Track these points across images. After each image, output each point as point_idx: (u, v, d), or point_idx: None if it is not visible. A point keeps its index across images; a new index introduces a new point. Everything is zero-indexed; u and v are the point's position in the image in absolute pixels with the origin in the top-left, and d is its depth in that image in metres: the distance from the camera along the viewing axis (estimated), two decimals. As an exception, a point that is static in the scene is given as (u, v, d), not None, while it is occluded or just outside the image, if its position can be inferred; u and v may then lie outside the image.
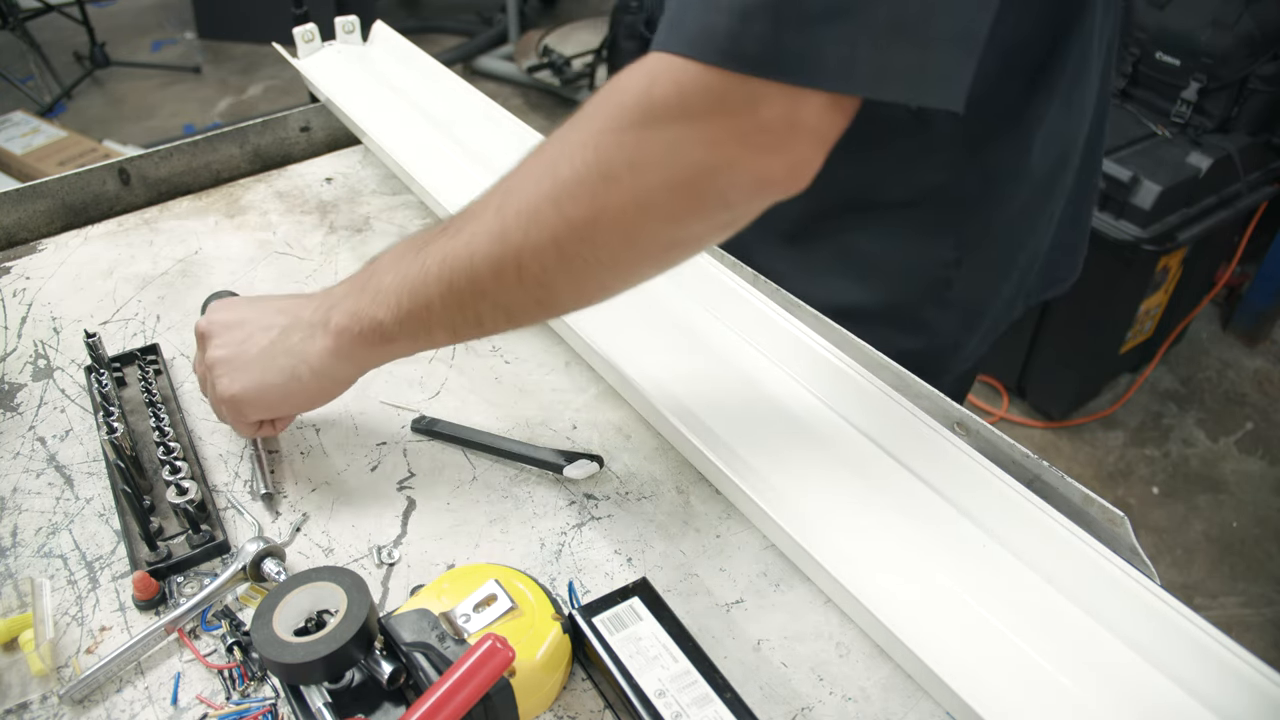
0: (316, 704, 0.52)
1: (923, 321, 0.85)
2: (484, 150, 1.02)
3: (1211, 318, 2.68)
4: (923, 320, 0.85)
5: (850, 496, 0.65)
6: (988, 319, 0.87)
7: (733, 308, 0.78)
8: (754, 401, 0.72)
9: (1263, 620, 1.92)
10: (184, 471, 0.66)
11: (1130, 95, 2.18)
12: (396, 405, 0.77)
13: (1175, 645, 0.53)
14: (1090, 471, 2.23)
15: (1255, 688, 0.50)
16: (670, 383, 0.73)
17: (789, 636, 0.60)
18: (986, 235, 0.81)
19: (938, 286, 0.83)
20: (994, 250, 0.83)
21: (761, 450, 0.69)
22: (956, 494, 0.63)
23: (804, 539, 0.61)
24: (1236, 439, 2.34)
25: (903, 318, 0.85)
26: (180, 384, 0.79)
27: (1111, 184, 1.92)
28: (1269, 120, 2.08)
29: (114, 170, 1.01)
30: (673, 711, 0.52)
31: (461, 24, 4.32)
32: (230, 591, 0.62)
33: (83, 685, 0.55)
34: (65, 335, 0.84)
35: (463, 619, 0.54)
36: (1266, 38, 1.95)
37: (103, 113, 3.68)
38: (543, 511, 0.68)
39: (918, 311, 0.85)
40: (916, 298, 0.84)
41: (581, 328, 0.77)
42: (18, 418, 0.76)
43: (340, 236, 0.99)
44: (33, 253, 0.96)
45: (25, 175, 2.62)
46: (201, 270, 0.93)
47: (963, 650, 0.56)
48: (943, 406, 0.65)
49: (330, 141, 1.16)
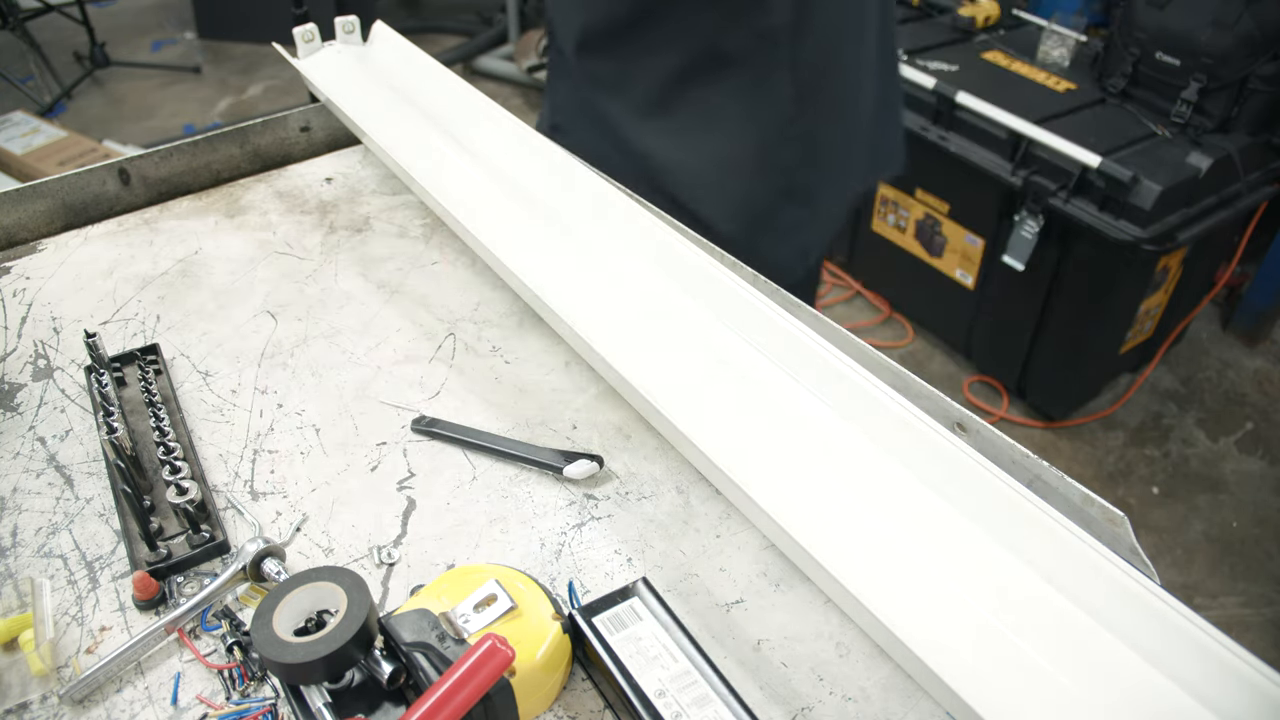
0: (316, 704, 0.52)
1: (779, 165, 1.01)
2: (484, 150, 1.02)
3: (1211, 318, 2.68)
4: (779, 163, 1.01)
5: (850, 496, 0.65)
6: (833, 164, 1.05)
7: (732, 308, 0.78)
8: (754, 401, 0.72)
9: (1263, 620, 1.92)
10: (184, 471, 0.67)
11: (1130, 95, 2.18)
12: (396, 405, 0.78)
13: (1175, 645, 0.53)
14: (1090, 471, 2.24)
15: (1255, 688, 0.50)
16: (670, 383, 0.73)
17: (789, 636, 0.60)
18: (816, 74, 0.97)
19: (782, 124, 0.99)
20: (824, 89, 0.99)
21: (761, 450, 0.68)
22: (956, 494, 0.63)
23: (804, 539, 0.61)
24: (1236, 439, 2.34)
25: (759, 160, 1.01)
26: (180, 384, 0.79)
27: (1111, 184, 1.92)
28: (1269, 120, 2.08)
29: (114, 170, 1.01)
30: (673, 711, 0.52)
31: (461, 24, 4.32)
32: (230, 591, 0.62)
33: (83, 685, 0.55)
34: (65, 335, 0.84)
35: (463, 619, 0.54)
36: (1266, 38, 1.95)
37: (103, 113, 3.68)
38: (543, 511, 0.68)
39: (773, 154, 1.00)
40: (772, 138, 0.99)
41: (581, 328, 0.77)
42: (18, 418, 0.76)
43: (340, 236, 0.99)
44: (33, 253, 0.96)
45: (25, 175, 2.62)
46: (201, 270, 0.93)
47: (963, 650, 0.56)
48: (943, 406, 0.65)
49: (330, 141, 1.16)
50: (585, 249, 0.88)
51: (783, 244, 1.07)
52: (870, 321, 2.68)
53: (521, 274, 0.82)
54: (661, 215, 0.86)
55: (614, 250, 0.87)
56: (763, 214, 1.05)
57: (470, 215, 0.90)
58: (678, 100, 1.00)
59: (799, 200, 1.04)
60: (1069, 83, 2.26)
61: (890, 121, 1.16)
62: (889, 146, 1.18)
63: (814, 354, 0.71)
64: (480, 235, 0.86)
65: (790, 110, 0.97)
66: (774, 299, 0.76)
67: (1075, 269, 2.09)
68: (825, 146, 1.03)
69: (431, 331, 0.86)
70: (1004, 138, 2.10)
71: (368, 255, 0.96)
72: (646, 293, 0.82)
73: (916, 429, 0.64)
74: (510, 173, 0.98)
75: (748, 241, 1.05)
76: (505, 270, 0.84)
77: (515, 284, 0.84)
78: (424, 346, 0.84)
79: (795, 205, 1.04)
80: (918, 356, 2.58)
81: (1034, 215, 2.06)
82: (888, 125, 1.15)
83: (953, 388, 2.48)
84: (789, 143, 0.99)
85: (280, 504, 0.69)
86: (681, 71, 0.97)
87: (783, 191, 1.03)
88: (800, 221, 1.06)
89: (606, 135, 1.04)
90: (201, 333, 0.85)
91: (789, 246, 1.08)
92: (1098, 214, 1.96)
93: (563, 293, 0.80)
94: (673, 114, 1.00)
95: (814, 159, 1.02)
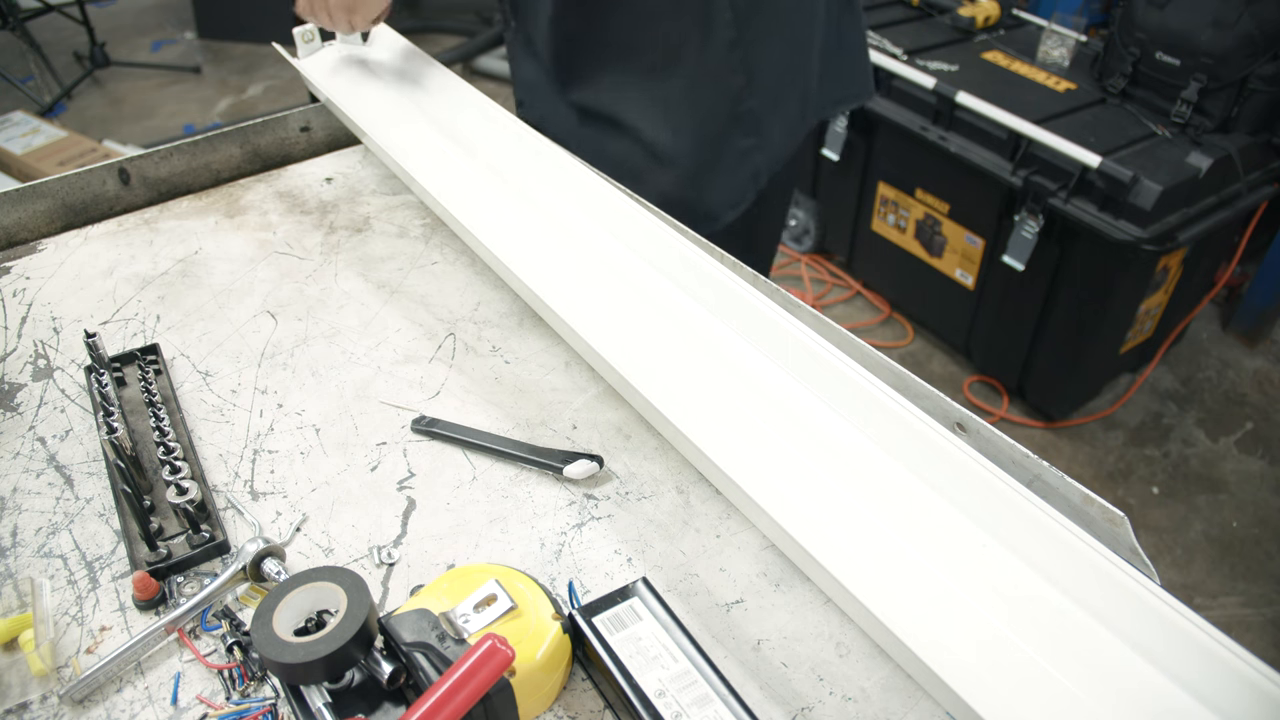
0: (316, 704, 0.52)
1: (726, 93, 1.06)
2: (484, 150, 1.02)
3: (1211, 318, 2.68)
4: (724, 91, 1.06)
5: (850, 496, 0.65)
6: (780, 92, 1.09)
7: (733, 308, 0.78)
8: (754, 401, 0.72)
9: (1263, 620, 1.92)
10: (184, 471, 0.67)
11: (1130, 95, 2.18)
12: (396, 405, 0.78)
13: (1175, 645, 0.53)
14: (1090, 471, 2.24)
15: (1255, 688, 0.50)
16: (670, 383, 0.73)
17: (789, 636, 0.60)
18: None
19: (723, 51, 1.03)
20: (764, 12, 1.03)
21: (761, 450, 0.68)
22: (956, 494, 0.63)
23: (804, 539, 0.61)
24: (1236, 439, 2.34)
25: (706, 88, 1.06)
26: (180, 384, 0.79)
27: (1111, 184, 1.92)
28: (1269, 120, 2.07)
29: (114, 170, 1.01)
30: (673, 711, 0.52)
31: (461, 24, 4.31)
32: (230, 591, 0.62)
33: (83, 685, 0.55)
34: (65, 335, 0.84)
35: (463, 619, 0.54)
36: (1266, 38, 1.95)
37: (103, 113, 3.68)
38: (543, 511, 0.68)
39: (717, 80, 1.05)
40: (715, 65, 1.05)
41: (581, 328, 0.77)
42: (18, 418, 0.76)
43: (340, 236, 0.99)
44: (33, 253, 0.96)
45: (25, 175, 2.62)
46: (201, 270, 0.93)
47: (963, 650, 0.56)
48: (943, 406, 0.65)
49: (330, 141, 1.16)
50: (585, 249, 0.88)
51: (734, 172, 1.12)
52: (870, 321, 2.68)
53: (521, 274, 0.82)
54: (662, 215, 0.86)
55: (614, 250, 0.87)
56: (715, 142, 1.09)
57: (470, 215, 0.90)
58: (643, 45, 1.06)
59: (746, 128, 1.09)
60: (1069, 83, 2.26)
61: (850, 48, 1.19)
62: (851, 74, 1.20)
63: (814, 354, 0.71)
64: (480, 235, 0.86)
65: (731, 34, 1.01)
66: (774, 299, 0.76)
67: (1075, 269, 2.09)
68: (769, 74, 1.07)
69: (431, 331, 0.86)
70: (1004, 138, 2.10)
71: (368, 255, 0.96)
72: (647, 293, 0.82)
73: (916, 429, 0.64)
74: (510, 172, 0.98)
75: (697, 171, 1.10)
76: (505, 270, 0.84)
77: (515, 284, 0.84)
78: (424, 346, 0.84)
79: (742, 134, 1.09)
80: (918, 356, 2.58)
81: (1034, 215, 2.06)
82: (847, 52, 1.18)
83: (953, 388, 2.48)
84: (732, 71, 1.04)
85: (280, 504, 0.69)
86: (635, 18, 1.03)
87: (731, 118, 1.08)
88: (749, 149, 1.10)
89: (562, 97, 1.13)
90: (201, 333, 0.85)
91: (740, 174, 1.12)
92: (1098, 214, 1.96)
93: (563, 292, 0.80)
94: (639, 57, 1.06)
95: (757, 86, 1.07)
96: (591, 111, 1.11)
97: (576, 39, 1.07)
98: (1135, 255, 1.94)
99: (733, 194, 1.13)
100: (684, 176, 1.09)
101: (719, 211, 1.13)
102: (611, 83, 1.08)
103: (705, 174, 1.10)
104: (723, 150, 1.10)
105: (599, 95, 1.09)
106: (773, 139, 1.11)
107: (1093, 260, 2.04)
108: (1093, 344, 2.18)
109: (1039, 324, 2.23)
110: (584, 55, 1.08)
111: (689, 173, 1.09)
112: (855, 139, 2.46)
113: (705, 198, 1.12)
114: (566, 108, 1.14)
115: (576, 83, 1.09)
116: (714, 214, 1.13)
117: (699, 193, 1.11)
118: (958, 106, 2.16)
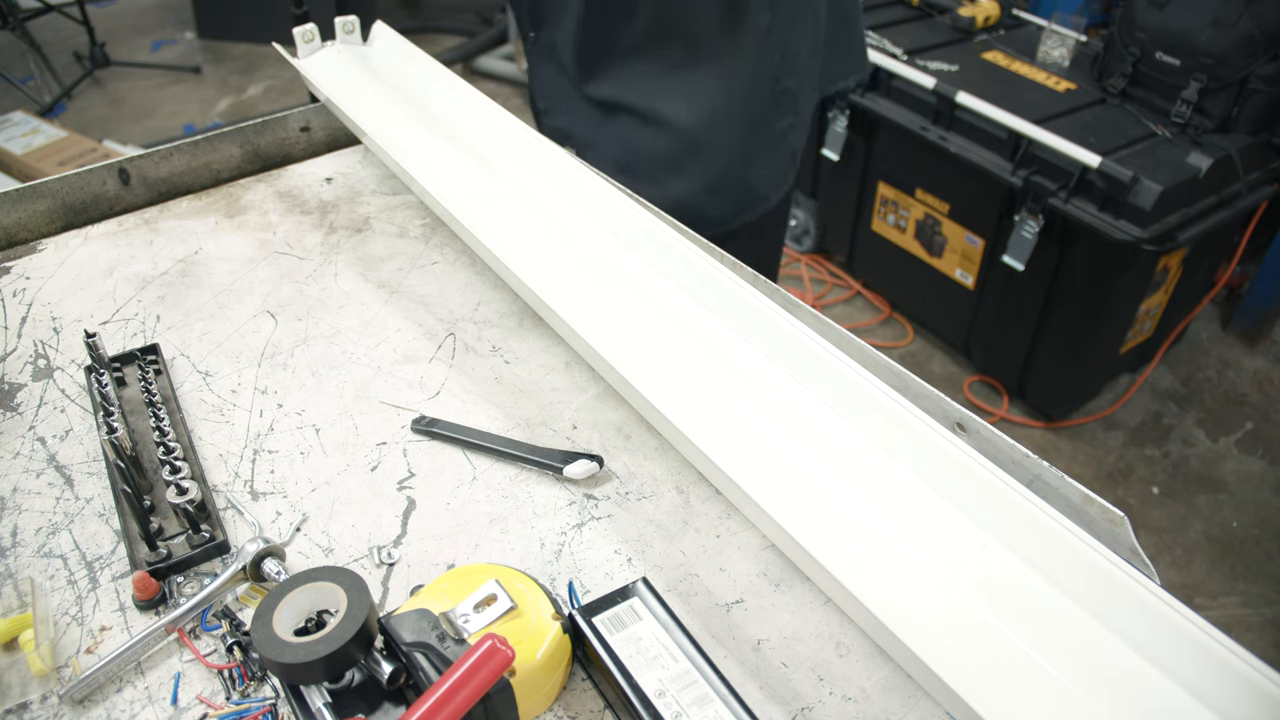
0: (316, 704, 0.52)
1: (766, 74, 1.09)
2: (484, 150, 1.02)
3: (1211, 318, 2.68)
4: (765, 72, 1.09)
5: (850, 496, 0.65)
6: (804, 69, 1.13)
7: (732, 308, 0.78)
8: (754, 401, 0.72)
9: (1263, 620, 1.92)
10: (184, 471, 0.66)
11: (1130, 95, 2.18)
12: (396, 405, 0.78)
13: (1175, 645, 0.53)
14: (1090, 471, 2.24)
15: (1255, 688, 0.50)
16: (670, 383, 0.73)
17: (789, 636, 0.60)
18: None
19: (760, 36, 1.06)
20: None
21: (761, 450, 0.68)
22: (957, 494, 0.63)
23: (804, 539, 0.61)
24: (1236, 439, 2.34)
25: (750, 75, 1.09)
26: (180, 384, 0.79)
27: (1111, 184, 1.92)
28: (1269, 120, 2.07)
29: (114, 170, 1.01)
30: (673, 711, 0.52)
31: (461, 24, 4.31)
32: (230, 591, 0.62)
33: (83, 685, 0.55)
34: (65, 335, 0.84)
35: (463, 619, 0.54)
36: (1266, 38, 1.95)
37: (103, 113, 3.68)
38: (543, 511, 0.68)
39: (759, 65, 1.08)
40: (754, 50, 1.07)
41: (581, 328, 0.77)
42: (18, 418, 0.76)
43: (340, 236, 0.99)
44: (33, 253, 0.96)
45: (25, 175, 2.62)
46: (201, 270, 0.93)
47: (963, 650, 0.56)
48: (943, 406, 0.65)
49: (330, 141, 1.16)
50: (585, 249, 0.88)
51: (776, 150, 1.14)
52: (870, 321, 2.68)
53: (521, 274, 0.82)
54: (662, 216, 0.86)
55: (614, 250, 0.87)
56: (758, 124, 1.11)
57: (470, 215, 0.90)
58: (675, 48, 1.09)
59: (785, 107, 1.12)
60: (1069, 83, 2.26)
61: (849, 25, 1.24)
62: (850, 50, 1.26)
63: (814, 354, 0.71)
64: (480, 235, 0.86)
65: (766, 19, 1.04)
66: (774, 299, 0.76)
67: (1075, 269, 2.09)
68: (796, 53, 1.10)
69: (431, 331, 0.86)
70: (1004, 138, 2.10)
71: (368, 255, 0.96)
72: (647, 293, 0.82)
73: (916, 429, 0.64)
74: (510, 172, 0.98)
75: (745, 155, 1.12)
76: (505, 270, 0.84)
77: (515, 284, 0.84)
78: (424, 346, 0.84)
79: (780, 114, 1.12)
80: (918, 356, 2.58)
81: (1034, 215, 2.06)
82: (846, 29, 1.23)
83: (953, 388, 2.48)
84: (769, 54, 1.07)
85: (280, 504, 0.69)
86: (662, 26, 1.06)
87: (770, 100, 1.11)
88: (786, 129, 1.14)
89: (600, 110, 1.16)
90: (201, 333, 0.85)
91: (781, 152, 1.15)
92: (1098, 214, 1.96)
93: (563, 292, 0.80)
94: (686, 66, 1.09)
95: (790, 66, 1.10)
96: (622, 107, 1.12)
97: (607, 37, 1.08)
98: (1135, 255, 1.94)
99: (776, 173, 1.15)
100: (731, 163, 1.11)
101: (767, 192, 1.15)
102: (643, 76, 1.09)
103: (752, 157, 1.12)
104: (764, 131, 1.12)
105: (630, 90, 1.11)
106: (804, 116, 1.14)
107: (1093, 260, 2.04)
108: (1093, 344, 2.18)
109: (1039, 324, 2.23)
110: (614, 53, 1.09)
111: (736, 158, 1.11)
112: (855, 139, 2.46)
113: (753, 180, 1.14)
114: (591, 108, 1.15)
115: (606, 80, 1.11)
116: (764, 194, 1.15)
117: (747, 176, 1.13)
118: (958, 106, 2.16)
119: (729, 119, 1.09)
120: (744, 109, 1.09)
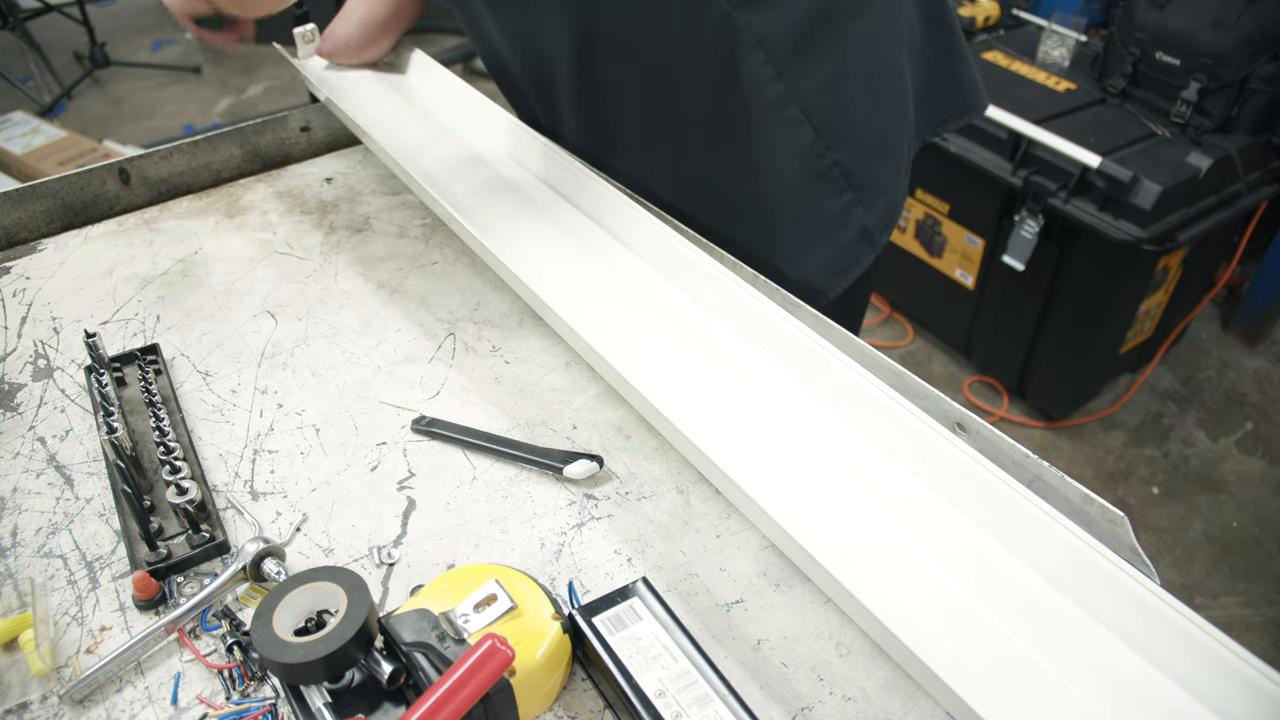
0: (316, 704, 0.52)
1: (819, 195, 0.93)
2: (484, 150, 1.02)
3: (1211, 318, 2.68)
4: (817, 196, 0.93)
5: (850, 496, 0.65)
6: (880, 158, 0.95)
7: (732, 308, 0.78)
8: (754, 401, 0.72)
9: (1263, 620, 1.92)
10: (184, 471, 0.67)
11: (1130, 95, 2.18)
12: (396, 405, 0.78)
13: (1175, 645, 0.53)
14: (1090, 471, 2.24)
15: (1255, 688, 0.50)
16: (670, 383, 0.73)
17: (789, 636, 0.60)
18: (829, 105, 0.89)
19: (812, 159, 0.91)
20: (841, 115, 0.90)
21: (761, 450, 0.69)
22: (956, 494, 0.63)
23: (804, 539, 0.61)
24: (1236, 439, 2.34)
25: (798, 191, 0.93)
26: (180, 384, 0.79)
27: (1111, 184, 1.92)
28: (1269, 120, 2.08)
29: (114, 170, 1.01)
30: (673, 711, 0.52)
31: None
32: (230, 591, 0.62)
33: (83, 685, 0.55)
34: (65, 335, 0.84)
35: (463, 619, 0.54)
36: (1266, 38, 1.95)
37: (103, 113, 3.68)
38: (543, 511, 0.68)
39: (811, 190, 0.92)
40: (804, 176, 0.92)
41: (581, 328, 0.77)
42: (18, 418, 0.76)
43: (340, 236, 0.99)
44: (33, 253, 0.96)
45: (25, 175, 2.62)
46: (201, 270, 0.93)
47: (963, 650, 0.56)
48: (943, 406, 0.65)
49: (330, 141, 1.16)
50: (585, 249, 0.88)
51: (833, 236, 0.97)
52: (870, 321, 2.68)
53: (521, 274, 0.82)
54: (662, 215, 0.86)
55: (614, 250, 0.87)
56: (799, 211, 0.94)
57: (470, 215, 0.90)
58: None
59: (835, 185, 0.93)
60: (1069, 83, 2.26)
61: (952, 56, 1.02)
62: (957, 84, 1.04)
63: (814, 354, 0.71)
64: (480, 235, 0.86)
65: (779, 89, 0.86)
66: (774, 299, 0.76)
67: (1075, 269, 2.09)
68: (846, 119, 0.91)
69: (431, 331, 0.86)
70: (1004, 138, 2.10)
71: (368, 255, 0.96)
72: (647, 293, 0.82)
73: (916, 429, 0.64)
74: (509, 173, 0.98)
75: (785, 248, 0.96)
76: (505, 270, 0.84)
77: (515, 284, 0.84)
78: (424, 346, 0.84)
79: (831, 192, 0.93)
80: (918, 356, 2.58)
81: (1034, 215, 2.06)
82: (949, 62, 1.02)
83: (953, 388, 2.48)
84: (794, 126, 0.89)
85: (280, 504, 0.69)
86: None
87: (811, 177, 0.92)
88: (846, 206, 0.95)
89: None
90: (201, 333, 0.85)
91: (842, 236, 0.97)
92: (1098, 214, 1.97)
93: (562, 292, 0.80)
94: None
95: (838, 135, 0.91)
96: (641, 189, 0.96)
97: (600, 124, 0.95)
98: (1135, 255, 1.94)
99: (834, 261, 0.96)
100: (770, 257, 0.94)
101: (821, 283, 0.96)
102: (649, 167, 0.95)
103: (796, 251, 0.95)
104: (809, 218, 0.93)
105: (649, 178, 0.96)
106: (873, 187, 0.94)
107: (1093, 260, 2.04)
108: (1092, 344, 2.19)
109: (1039, 324, 2.23)
110: (611, 142, 0.96)
111: (775, 252, 0.94)
112: (855, 139, 2.46)
113: (798, 274, 0.95)
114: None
115: (610, 171, 0.97)
116: (817, 287, 0.96)
117: (788, 271, 0.95)
118: (958, 106, 2.16)
119: (756, 207, 0.92)
120: (772, 194, 0.91)
